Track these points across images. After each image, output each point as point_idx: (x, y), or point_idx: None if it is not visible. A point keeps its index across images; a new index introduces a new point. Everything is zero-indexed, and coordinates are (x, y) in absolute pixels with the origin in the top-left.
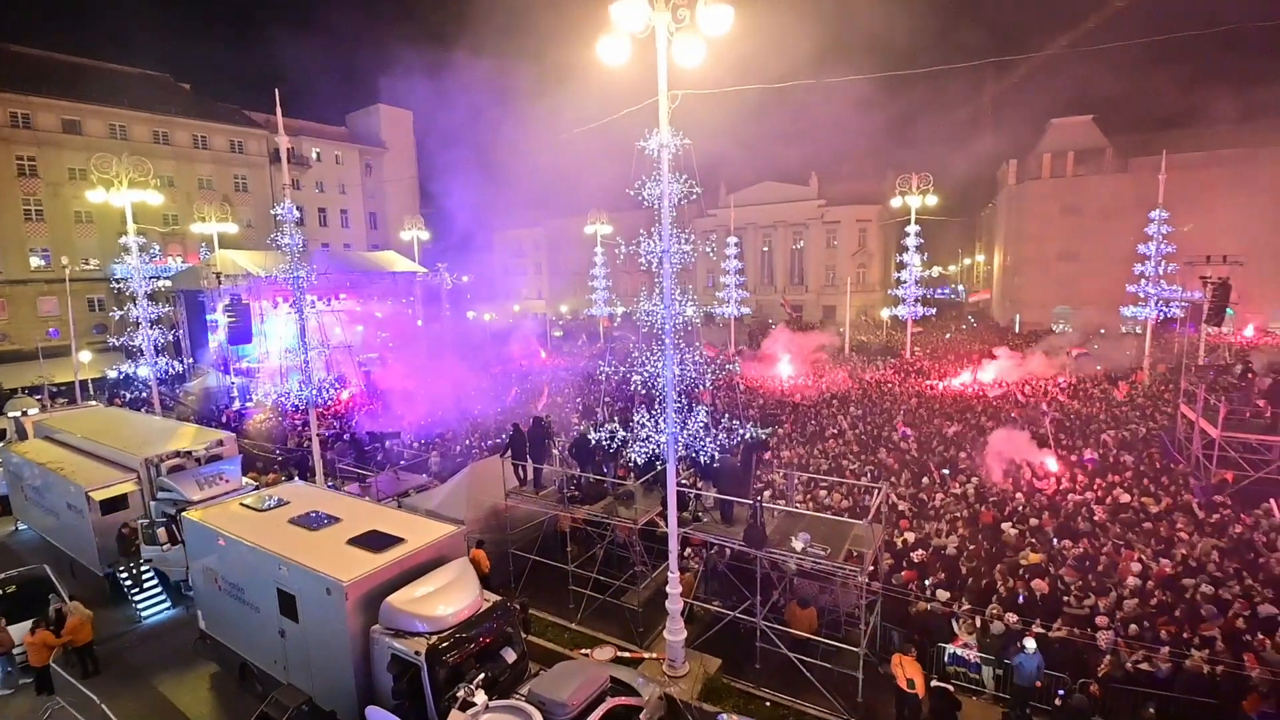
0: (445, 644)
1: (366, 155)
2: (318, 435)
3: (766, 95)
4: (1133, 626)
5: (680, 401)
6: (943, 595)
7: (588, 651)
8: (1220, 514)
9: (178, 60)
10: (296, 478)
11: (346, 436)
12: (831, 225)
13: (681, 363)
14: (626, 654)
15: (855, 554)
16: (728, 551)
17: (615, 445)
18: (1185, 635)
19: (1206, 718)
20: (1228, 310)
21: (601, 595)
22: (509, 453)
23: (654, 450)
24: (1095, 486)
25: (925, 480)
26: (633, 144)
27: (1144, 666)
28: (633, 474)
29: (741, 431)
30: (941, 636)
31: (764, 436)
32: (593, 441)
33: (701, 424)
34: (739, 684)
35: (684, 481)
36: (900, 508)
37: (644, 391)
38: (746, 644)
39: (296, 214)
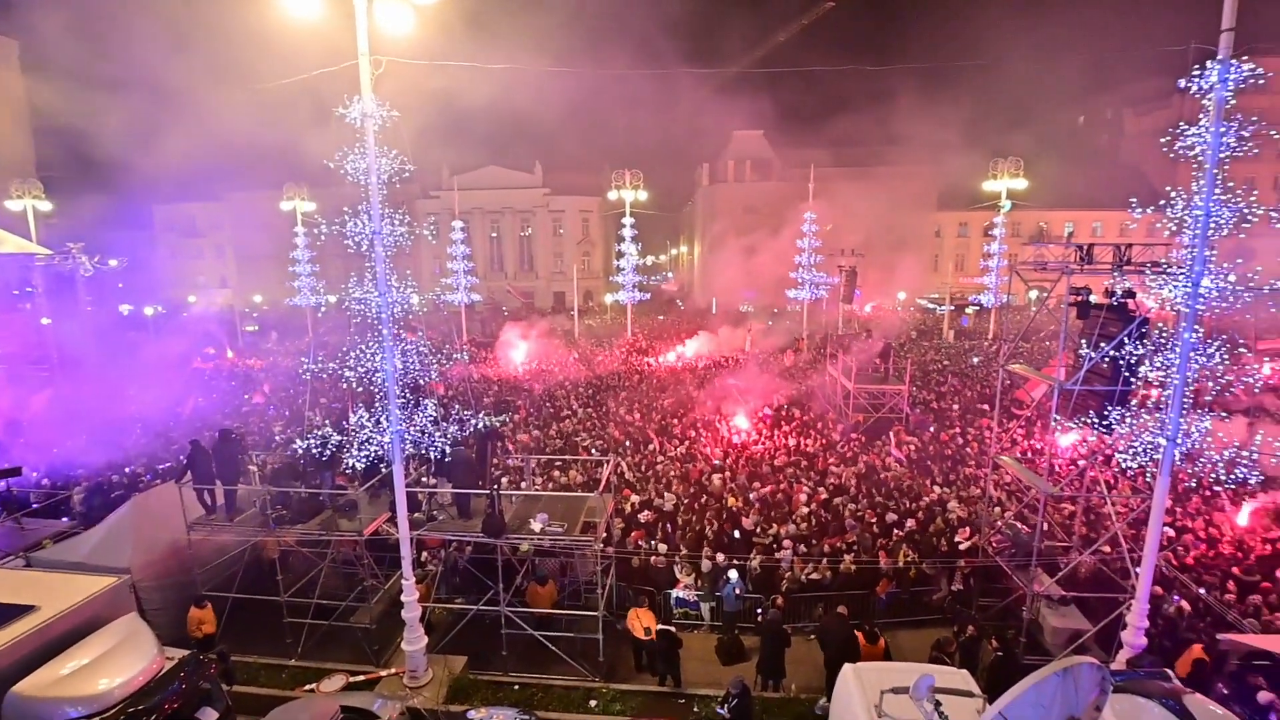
0: None
1: None
2: None
3: (491, 79)
4: (803, 546)
5: (404, 396)
6: (663, 548)
7: (313, 686)
8: (855, 447)
9: None
10: None
11: None
12: (557, 214)
13: (404, 354)
14: (361, 677)
15: (592, 525)
16: (468, 547)
17: (329, 452)
18: (839, 545)
19: (856, 604)
20: (856, 290)
21: (326, 621)
22: (188, 476)
23: (377, 452)
24: (773, 437)
25: (649, 447)
26: (338, 112)
27: (814, 576)
28: (355, 481)
29: (474, 422)
30: (667, 584)
31: (498, 424)
32: (300, 450)
33: (430, 418)
34: (487, 676)
35: (426, 481)
36: (627, 476)
37: (360, 389)
38: (492, 634)
39: None
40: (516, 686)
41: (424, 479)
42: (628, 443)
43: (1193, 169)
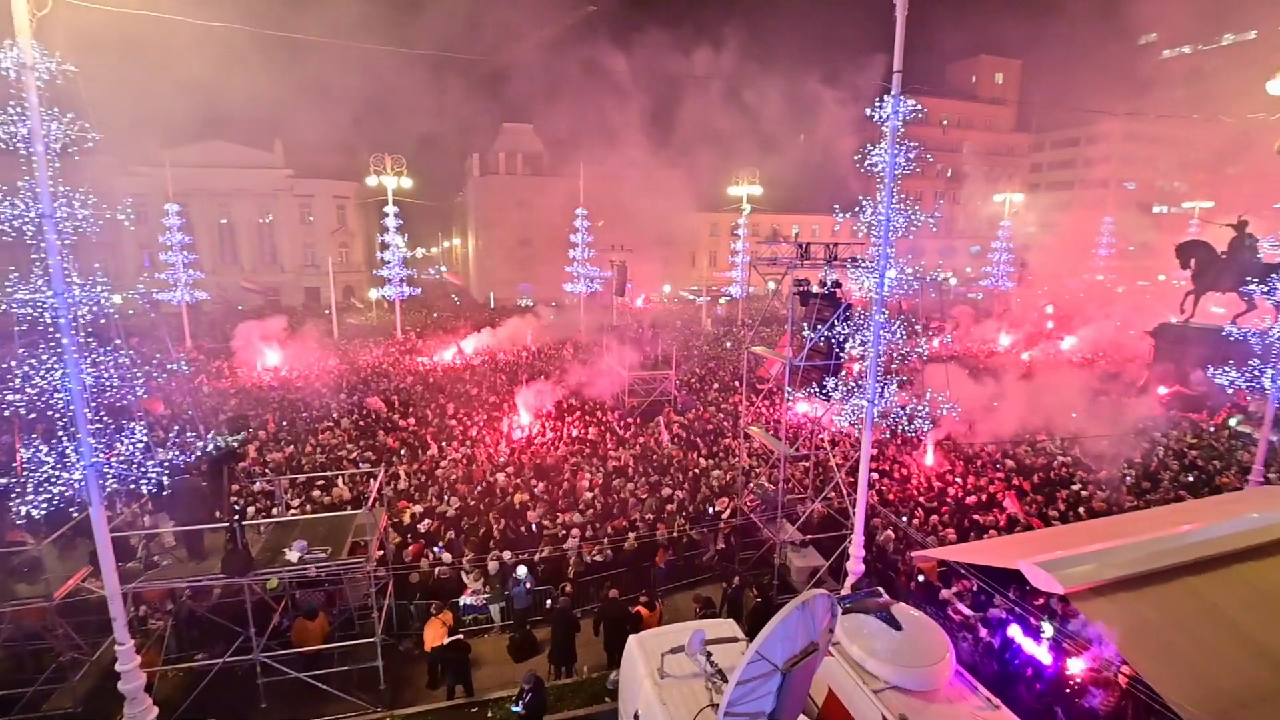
0: None
1: None
2: None
3: (220, 45)
4: (590, 531)
5: (100, 421)
6: (447, 556)
7: None
8: (631, 430)
9: None
10: None
11: None
12: (305, 199)
13: (97, 368)
14: None
15: (362, 544)
16: (215, 590)
17: None
18: (622, 525)
19: (640, 577)
20: (627, 284)
21: (5, 717)
22: None
23: (64, 493)
24: (557, 428)
25: (428, 453)
26: None
27: (599, 558)
28: (35, 534)
29: (202, 443)
30: (454, 592)
31: (235, 444)
32: None
33: (139, 443)
34: None
35: (142, 521)
36: (403, 486)
37: (33, 416)
38: (248, 686)
39: None
40: None
41: (140, 519)
42: (403, 451)
43: (877, 183)
